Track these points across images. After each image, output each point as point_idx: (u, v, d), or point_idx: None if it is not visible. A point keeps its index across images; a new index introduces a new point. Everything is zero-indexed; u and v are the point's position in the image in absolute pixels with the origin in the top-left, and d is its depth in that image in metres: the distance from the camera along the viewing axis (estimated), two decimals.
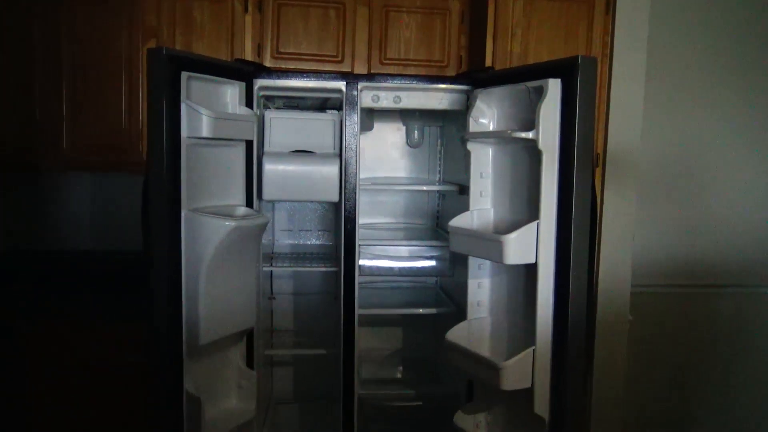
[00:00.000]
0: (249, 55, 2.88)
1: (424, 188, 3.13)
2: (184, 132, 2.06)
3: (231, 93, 2.32)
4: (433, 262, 3.06)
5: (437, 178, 3.27)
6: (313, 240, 3.26)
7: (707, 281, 3.47)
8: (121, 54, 2.85)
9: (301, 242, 3.25)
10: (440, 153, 3.28)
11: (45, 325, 2.58)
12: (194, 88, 2.13)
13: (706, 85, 3.37)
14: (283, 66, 2.93)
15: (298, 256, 3.11)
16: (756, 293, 3.49)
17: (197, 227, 2.08)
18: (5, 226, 3.21)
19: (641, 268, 3.29)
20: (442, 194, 3.26)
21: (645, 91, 2.89)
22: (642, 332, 3.32)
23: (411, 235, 3.05)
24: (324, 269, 2.88)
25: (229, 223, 2.11)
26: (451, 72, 2.99)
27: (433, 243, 2.91)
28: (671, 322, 3.44)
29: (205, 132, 2.08)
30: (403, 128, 3.27)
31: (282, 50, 2.94)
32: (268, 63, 2.92)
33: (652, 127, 3.28)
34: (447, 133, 3.20)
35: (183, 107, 2.05)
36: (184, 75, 2.06)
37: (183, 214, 2.08)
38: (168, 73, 2.01)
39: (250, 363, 2.46)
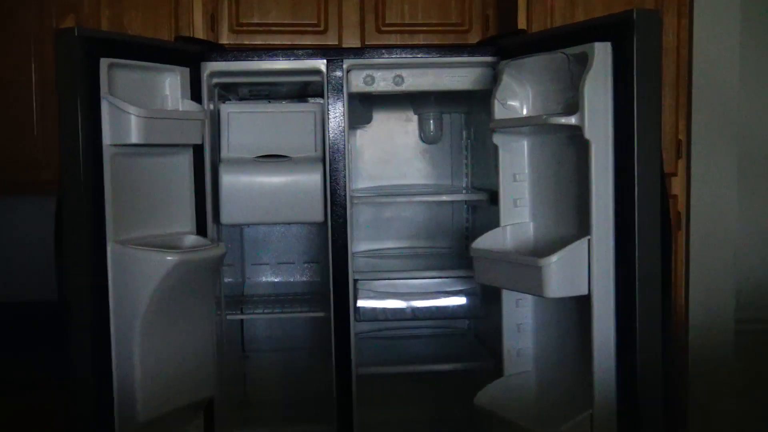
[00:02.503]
0: (200, 32, 3.03)
1: (445, 198, 3.23)
2: (107, 138, 2.21)
3: (171, 83, 2.47)
4: (462, 300, 3.13)
5: (464, 184, 3.37)
6: (298, 276, 3.39)
7: None
8: (29, 36, 2.99)
9: (282, 280, 3.38)
10: (466, 150, 3.37)
11: None
12: (120, 78, 2.28)
13: None
14: (247, 42, 3.09)
15: (277, 298, 3.23)
16: None
17: (129, 265, 2.22)
18: None
19: (749, 295, 3.35)
20: (471, 206, 3.35)
21: (741, 51, 2.98)
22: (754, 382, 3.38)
23: (429, 263, 3.17)
24: (310, 314, 2.96)
25: (171, 258, 2.23)
26: (474, 39, 3.11)
27: (457, 273, 2.98)
28: None
29: (135, 137, 2.22)
30: (415, 118, 3.38)
31: (244, 21, 3.09)
32: (225, 40, 3.08)
33: (756, 99, 3.34)
34: (475, 122, 3.30)
35: (104, 104, 2.20)
36: (105, 62, 2.20)
37: (109, 248, 2.21)
38: (83, 61, 2.15)
39: None
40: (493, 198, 2.81)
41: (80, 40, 2.14)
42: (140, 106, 2.25)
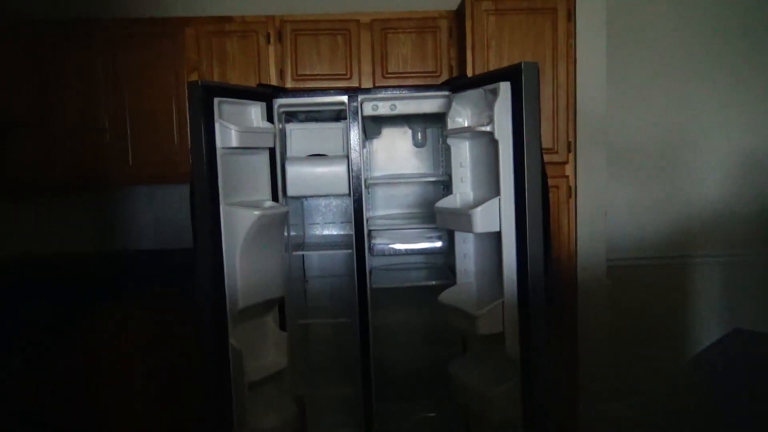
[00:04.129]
0: (273, 79, 3.47)
1: (425, 180, 3.62)
2: (219, 144, 2.64)
3: (254, 111, 2.89)
4: (439, 243, 3.55)
5: (440, 172, 3.75)
6: (337, 230, 3.79)
7: (674, 253, 3.95)
8: (170, 84, 3.49)
9: (327, 233, 3.80)
10: (441, 150, 3.75)
11: (116, 311, 3.22)
12: (225, 109, 2.71)
13: (668, 70, 3.89)
14: (302, 86, 3.50)
15: (324, 243, 3.66)
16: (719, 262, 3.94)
17: (232, 217, 2.67)
18: (82, 232, 3.90)
19: (614, 242, 3.72)
20: (444, 185, 3.70)
21: (608, 82, 3.35)
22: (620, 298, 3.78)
23: (417, 221, 3.52)
24: (342, 251, 3.41)
25: (257, 212, 2.68)
26: (443, 80, 3.49)
27: (430, 225, 3.38)
28: (645, 290, 3.91)
29: (234, 143, 2.66)
30: (409, 131, 3.76)
31: (300, 72, 3.52)
32: (289, 84, 3.50)
33: (619, 114, 3.76)
34: (443, 132, 3.68)
35: (216, 125, 2.64)
36: (216, 100, 2.64)
37: (221, 208, 2.66)
38: (203, 100, 2.61)
39: (283, 327, 3.02)
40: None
41: (202, 87, 2.58)
42: (237, 125, 2.69)
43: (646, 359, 3.93)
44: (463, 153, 2.93)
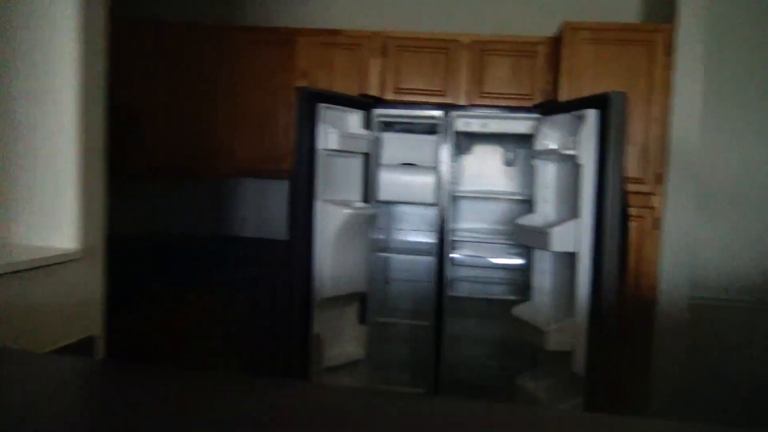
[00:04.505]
0: (374, 90, 3.70)
1: (507, 197, 3.72)
2: (319, 146, 2.90)
3: (354, 119, 3.14)
4: (518, 260, 3.65)
5: (527, 192, 3.81)
6: (421, 238, 3.94)
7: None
8: (279, 88, 3.78)
9: (411, 239, 3.95)
10: (529, 170, 3.83)
11: (211, 289, 3.52)
12: (328, 114, 2.96)
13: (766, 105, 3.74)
14: (400, 98, 3.69)
15: (407, 248, 3.83)
16: None
17: (326, 213, 2.91)
18: (190, 217, 4.28)
19: (702, 279, 3.68)
20: (529, 204, 3.81)
21: (704, 116, 3.35)
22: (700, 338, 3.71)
23: (500, 237, 3.64)
24: (423, 257, 3.58)
25: (347, 211, 2.92)
26: (536, 102, 3.60)
27: (510, 242, 3.49)
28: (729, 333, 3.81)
29: (334, 145, 2.91)
30: (500, 150, 3.88)
31: (399, 86, 3.72)
32: (388, 96, 3.71)
33: (714, 149, 3.70)
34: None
35: (319, 128, 2.89)
36: (320, 106, 2.90)
37: (317, 204, 2.91)
38: (309, 105, 2.87)
39: (363, 321, 3.23)
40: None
41: (308, 93, 2.86)
42: (338, 130, 2.93)
43: (719, 401, 3.84)
44: (547, 174, 3.04)
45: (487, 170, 3.90)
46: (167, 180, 4.25)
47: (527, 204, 3.65)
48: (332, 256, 2.94)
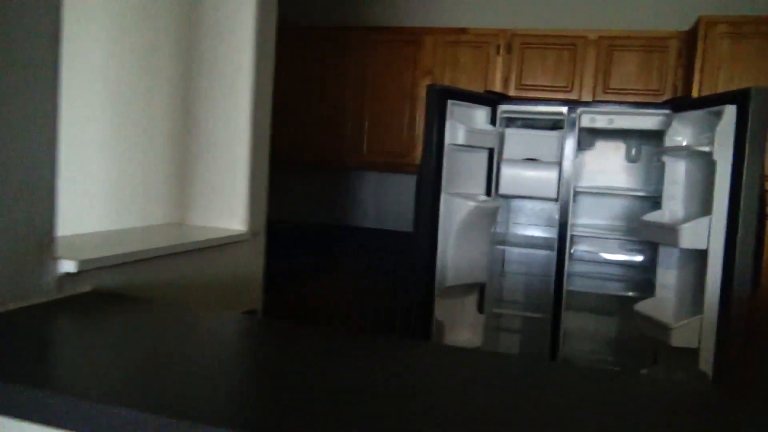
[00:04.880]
0: (498, 86, 3.79)
1: (631, 194, 3.67)
2: (447, 140, 3.02)
3: (480, 114, 3.24)
4: (640, 257, 3.61)
5: (651, 189, 3.73)
6: (539, 233, 3.98)
7: None
8: (405, 85, 3.95)
9: (529, 234, 3.99)
10: (654, 167, 3.76)
11: (340, 275, 3.75)
12: (455, 110, 3.08)
13: None
14: (524, 95, 3.76)
15: (525, 242, 3.88)
16: None
17: (451, 205, 3.03)
18: (316, 206, 4.54)
19: None
20: (654, 201, 3.70)
21: None
22: None
23: (621, 233, 3.60)
24: (543, 252, 3.62)
25: (472, 204, 3.03)
26: (665, 98, 3.54)
27: (632, 238, 3.45)
28: None
29: (461, 140, 3.02)
30: (622, 146, 3.84)
31: (524, 82, 3.78)
32: (512, 92, 3.78)
33: None
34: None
35: (447, 123, 3.02)
36: (449, 102, 3.02)
37: (442, 196, 3.04)
38: (439, 102, 3.00)
39: (481, 309, 3.33)
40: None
41: (439, 90, 2.99)
42: (464, 125, 3.06)
43: None
44: (677, 171, 3.00)
45: (608, 166, 3.87)
46: (299, 171, 4.54)
47: (649, 201, 3.63)
48: (455, 247, 3.06)
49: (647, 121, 3.24)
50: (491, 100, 3.29)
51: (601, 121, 3.31)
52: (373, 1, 4.33)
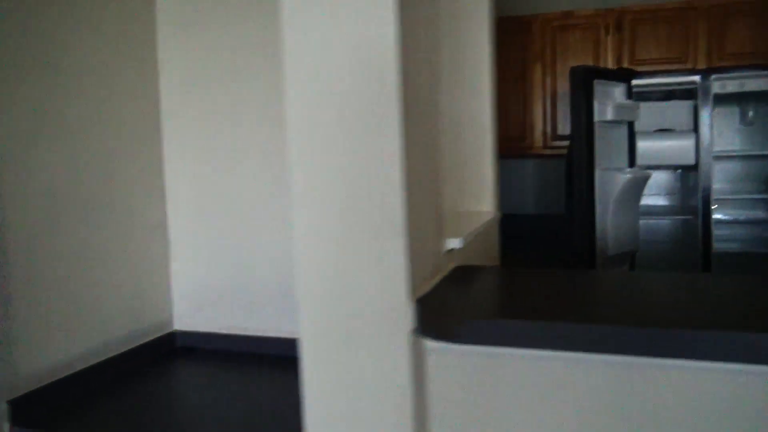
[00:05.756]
0: (609, 64, 3.90)
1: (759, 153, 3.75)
2: (596, 116, 3.15)
3: (618, 91, 3.35)
4: None
5: None
6: (665, 201, 4.08)
7: None
8: (517, 70, 4.08)
9: (663, 203, 4.07)
10: None
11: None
12: (599, 88, 3.21)
13: None
14: (639, 69, 3.87)
15: (659, 211, 3.98)
16: None
17: (605, 179, 3.17)
18: None
19: None
20: None
21: None
22: None
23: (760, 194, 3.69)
24: (681, 217, 3.74)
25: (629, 174, 3.16)
26: None
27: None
28: None
29: (609, 116, 3.16)
30: (737, 110, 3.90)
31: (637, 57, 3.90)
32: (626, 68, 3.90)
33: None
34: None
35: (594, 102, 3.15)
36: (595, 82, 3.16)
37: (596, 172, 3.17)
38: (585, 81, 3.13)
39: None
40: None
41: (584, 70, 3.13)
42: (609, 102, 3.20)
43: None
44: None
45: (725, 131, 3.96)
46: None
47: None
48: (613, 218, 3.19)
49: None
50: (627, 75, 3.42)
51: (730, 86, 3.41)
52: None
